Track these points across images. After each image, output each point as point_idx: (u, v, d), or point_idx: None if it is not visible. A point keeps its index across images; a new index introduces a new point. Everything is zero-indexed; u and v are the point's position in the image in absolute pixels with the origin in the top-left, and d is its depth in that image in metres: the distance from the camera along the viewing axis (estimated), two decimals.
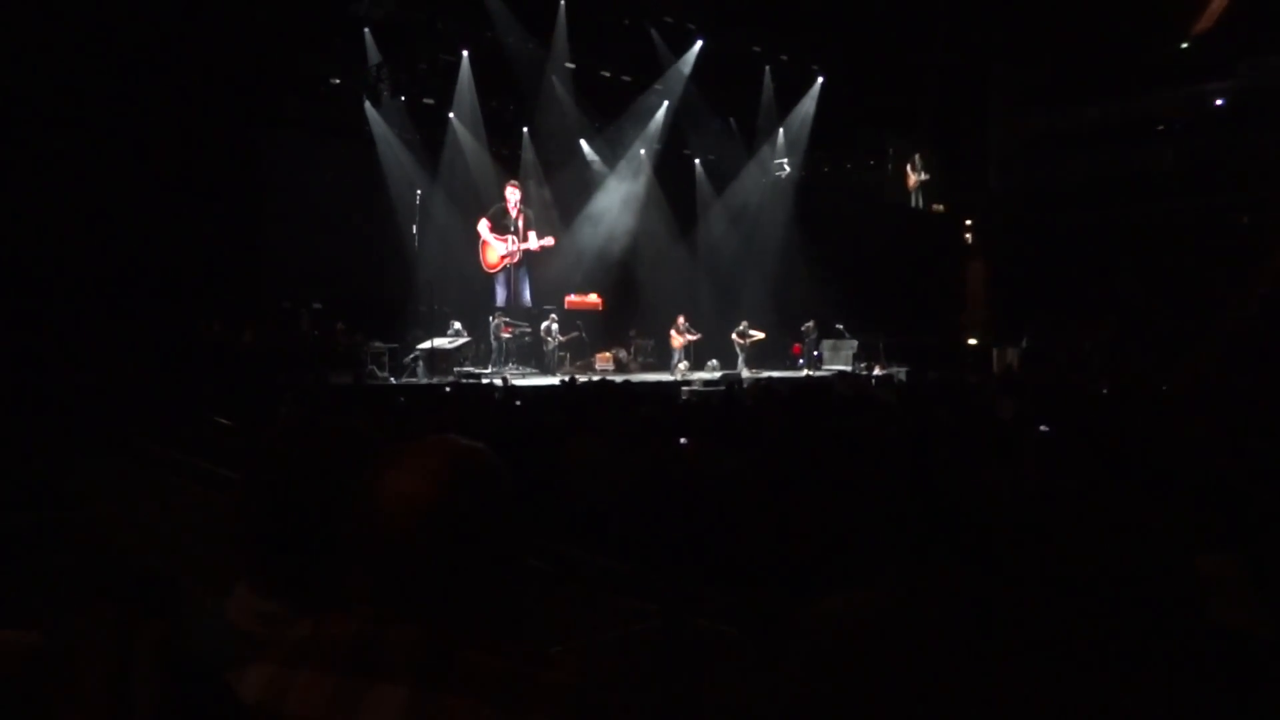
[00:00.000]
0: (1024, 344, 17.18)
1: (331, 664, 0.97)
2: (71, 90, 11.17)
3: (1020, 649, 0.62)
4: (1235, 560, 1.76)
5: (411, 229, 15.18)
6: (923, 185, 21.12)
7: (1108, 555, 1.76)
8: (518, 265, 18.30)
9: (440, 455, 1.02)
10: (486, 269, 18.10)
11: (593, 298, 18.96)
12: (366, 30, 15.29)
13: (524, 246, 18.14)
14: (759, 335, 18.03)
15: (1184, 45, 18.45)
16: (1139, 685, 1.14)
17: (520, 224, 18.16)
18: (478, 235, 17.82)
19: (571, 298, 18.54)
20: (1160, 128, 19.08)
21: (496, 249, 18.13)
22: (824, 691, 0.55)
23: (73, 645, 0.75)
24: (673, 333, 17.60)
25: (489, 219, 17.89)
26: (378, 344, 14.37)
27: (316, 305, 14.66)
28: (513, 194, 18.04)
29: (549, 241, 18.01)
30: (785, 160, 20.26)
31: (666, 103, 18.62)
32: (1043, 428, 5.14)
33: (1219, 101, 18.11)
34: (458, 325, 15.62)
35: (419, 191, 15.27)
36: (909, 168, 21.14)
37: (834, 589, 0.99)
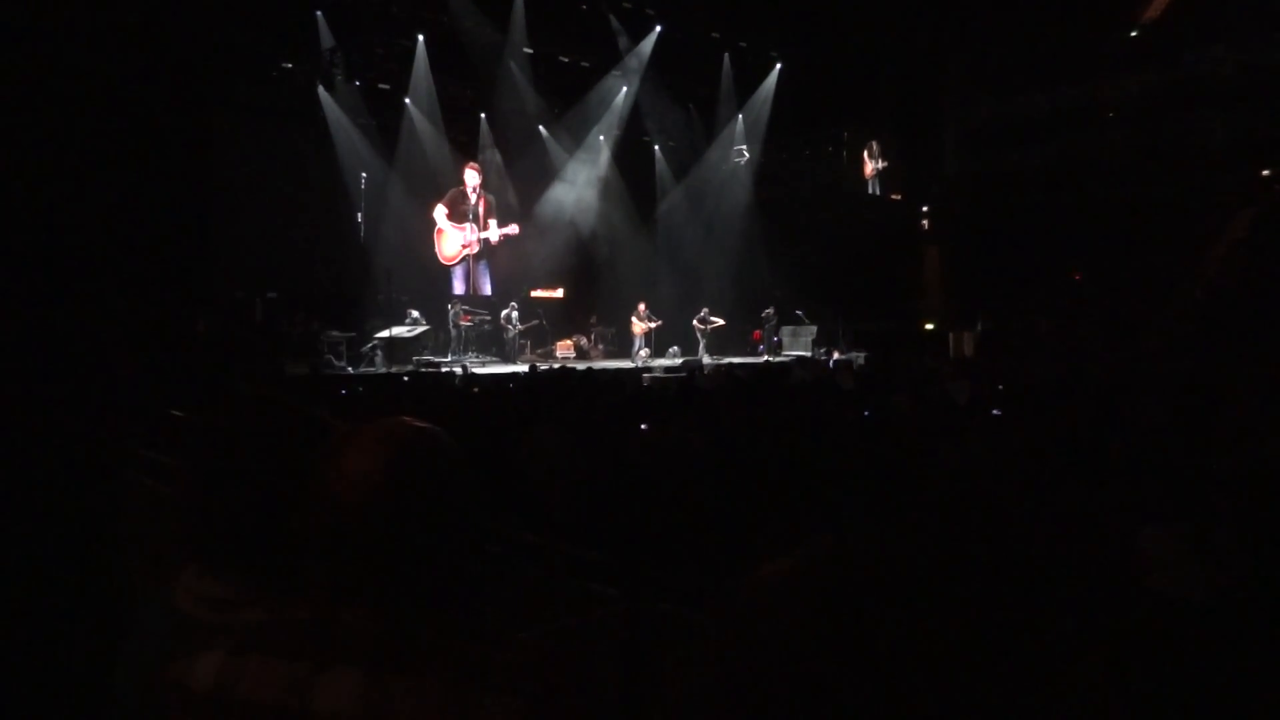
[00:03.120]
0: (979, 329, 17.46)
1: (284, 649, 0.96)
2: (15, 73, 10.81)
3: (967, 618, 0.63)
4: (1176, 533, 1.82)
5: (357, 217, 14.97)
6: (879, 173, 21.32)
7: (1054, 529, 1.81)
8: (477, 258, 18.05)
9: (392, 436, 1.01)
10: (443, 261, 17.75)
11: (559, 293, 18.88)
12: (319, 13, 14.99)
13: (484, 236, 17.88)
14: (719, 322, 18.11)
15: (1133, 34, 18.82)
16: (1082, 650, 1.18)
17: (480, 210, 17.92)
18: (432, 223, 17.58)
19: (537, 293, 18.42)
20: (1110, 115, 19.46)
21: (454, 239, 17.78)
22: (762, 662, 0.56)
23: None
24: (634, 320, 17.61)
25: (445, 204, 17.62)
26: (335, 333, 14.17)
27: (271, 294, 14.41)
28: (472, 177, 17.75)
29: (512, 230, 17.75)
30: (744, 147, 20.33)
31: (625, 88, 18.54)
32: (995, 411, 5.25)
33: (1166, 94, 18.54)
34: (416, 314, 15.47)
35: (363, 175, 15.04)
36: (865, 155, 21.32)
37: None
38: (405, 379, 11.03)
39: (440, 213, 17.58)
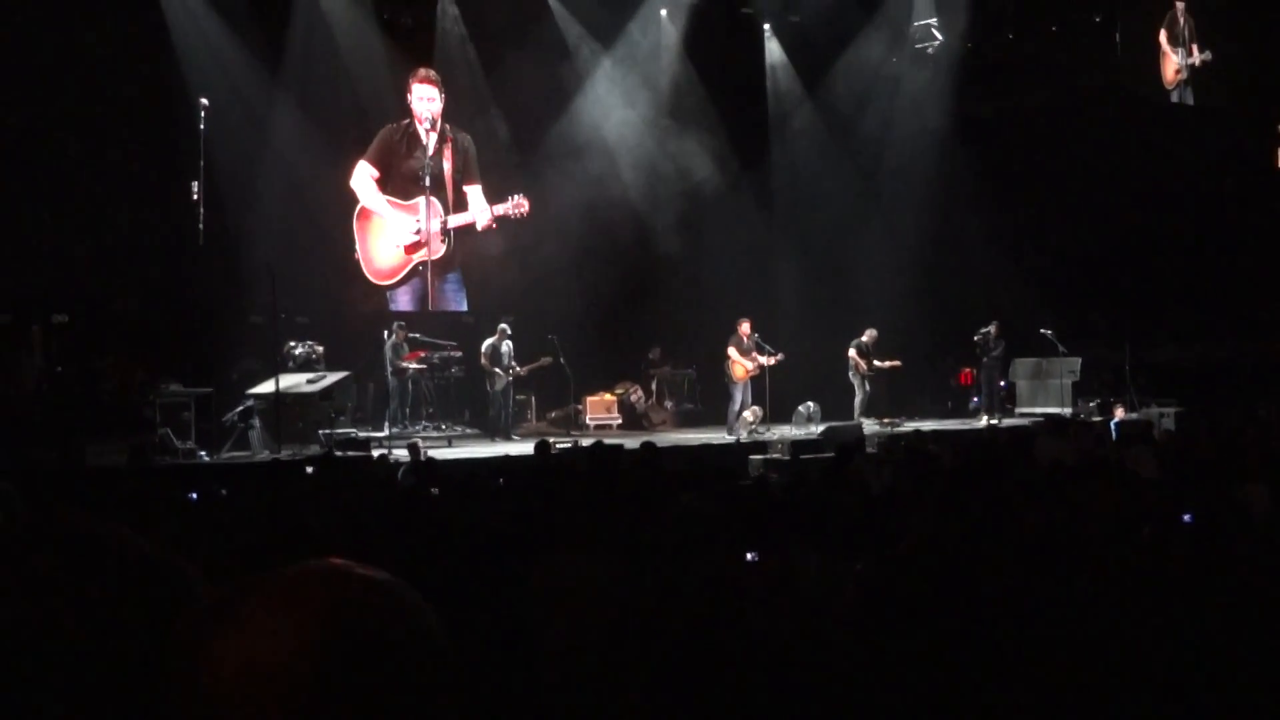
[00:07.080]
0: None
1: None
2: None
3: None
4: None
5: (194, 186, 15.06)
6: (1193, 69, 21.14)
7: None
8: (441, 263, 18.05)
9: (313, 598, 1.03)
10: (372, 277, 17.79)
11: (588, 307, 18.75)
12: None
13: (458, 221, 17.99)
14: (892, 362, 17.99)
15: None
16: None
17: (446, 166, 17.99)
18: (350, 197, 17.66)
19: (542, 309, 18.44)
20: None
21: (396, 230, 17.85)
22: None
23: None
24: (731, 352, 17.55)
25: (373, 159, 17.66)
26: (176, 388, 14.39)
27: (59, 318, 14.73)
28: (425, 99, 17.91)
29: (516, 206, 17.80)
30: (934, 21, 20.29)
31: None
32: None
33: None
34: (315, 348, 15.61)
35: (203, 102, 15.13)
36: (1164, 38, 21.17)
37: None
38: (308, 470, 11.18)
39: (364, 176, 17.63)
